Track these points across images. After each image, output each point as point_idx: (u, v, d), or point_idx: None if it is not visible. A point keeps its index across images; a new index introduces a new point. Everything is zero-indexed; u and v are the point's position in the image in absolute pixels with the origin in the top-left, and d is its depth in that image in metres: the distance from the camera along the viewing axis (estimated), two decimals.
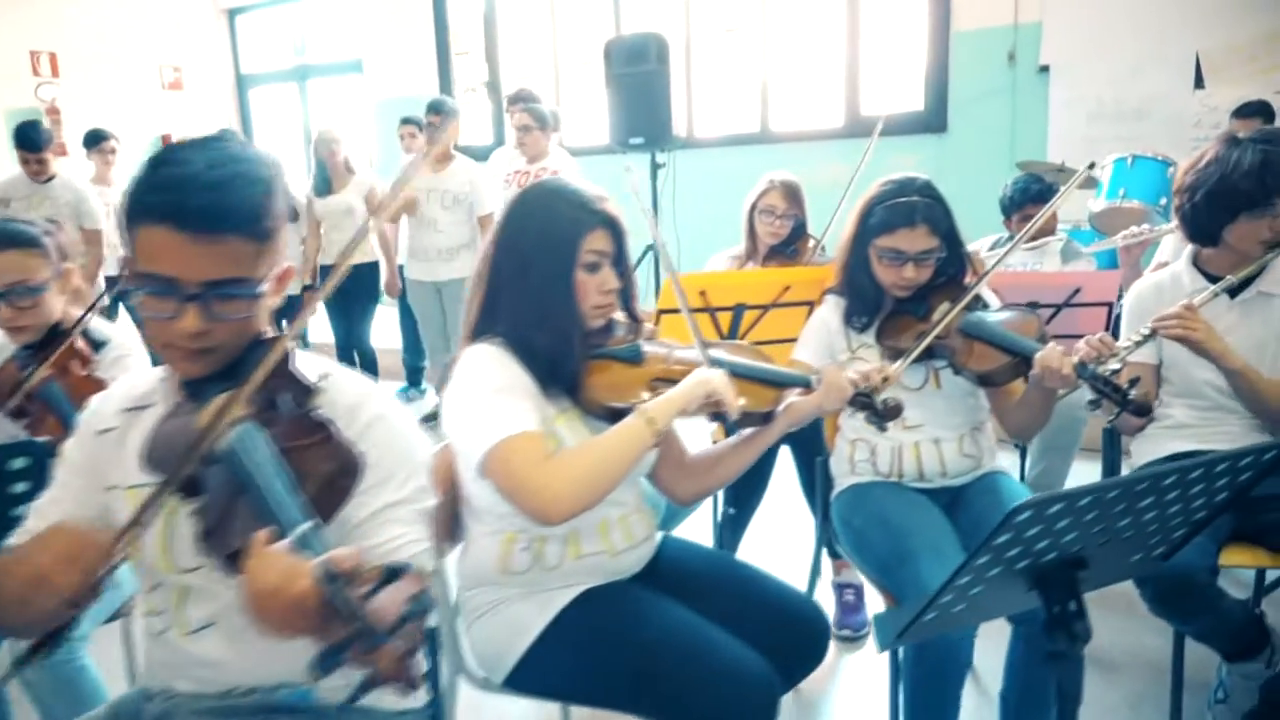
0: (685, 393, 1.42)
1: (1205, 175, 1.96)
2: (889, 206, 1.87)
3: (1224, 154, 1.95)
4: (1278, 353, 1.99)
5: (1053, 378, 1.67)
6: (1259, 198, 1.90)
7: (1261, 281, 2.01)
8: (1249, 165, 1.90)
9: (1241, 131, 2.00)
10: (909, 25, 5.64)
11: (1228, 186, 1.92)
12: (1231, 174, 1.91)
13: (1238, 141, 1.95)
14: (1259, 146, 1.92)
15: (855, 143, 5.86)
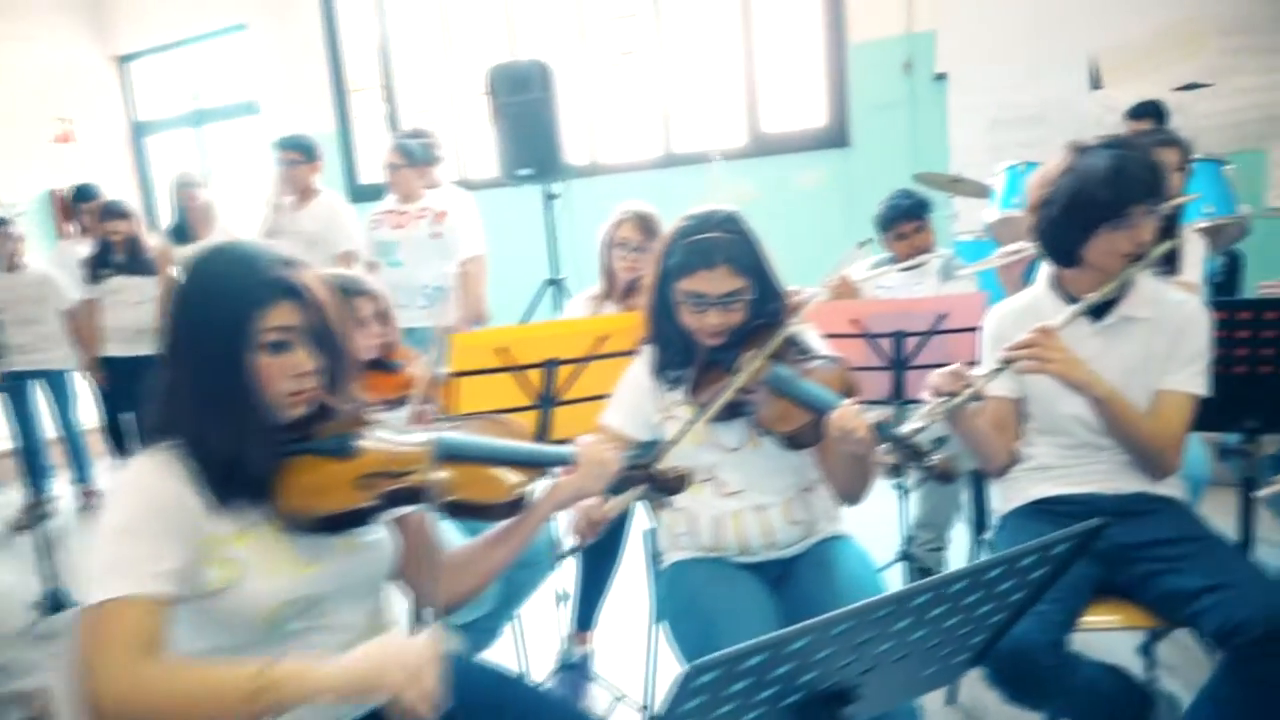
0: (339, 677, 1.06)
1: (1058, 188, 1.75)
2: (687, 246, 1.64)
3: (1075, 163, 1.75)
4: (1145, 383, 1.78)
5: (848, 441, 1.43)
6: (1116, 208, 1.70)
7: (1125, 304, 1.80)
8: (1104, 173, 1.69)
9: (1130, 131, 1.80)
10: (804, 39, 5.49)
11: (1083, 198, 1.71)
12: (1086, 184, 1.71)
13: (1087, 149, 1.75)
14: (1111, 152, 1.71)
15: (760, 161, 5.71)
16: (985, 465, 1.95)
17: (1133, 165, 1.67)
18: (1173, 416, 1.74)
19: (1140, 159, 1.69)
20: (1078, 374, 1.66)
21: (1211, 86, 4.55)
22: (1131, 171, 1.67)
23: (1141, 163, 1.68)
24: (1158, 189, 1.70)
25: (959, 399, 1.66)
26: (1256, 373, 1.97)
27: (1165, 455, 1.73)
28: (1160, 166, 1.72)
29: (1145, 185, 1.68)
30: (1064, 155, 1.77)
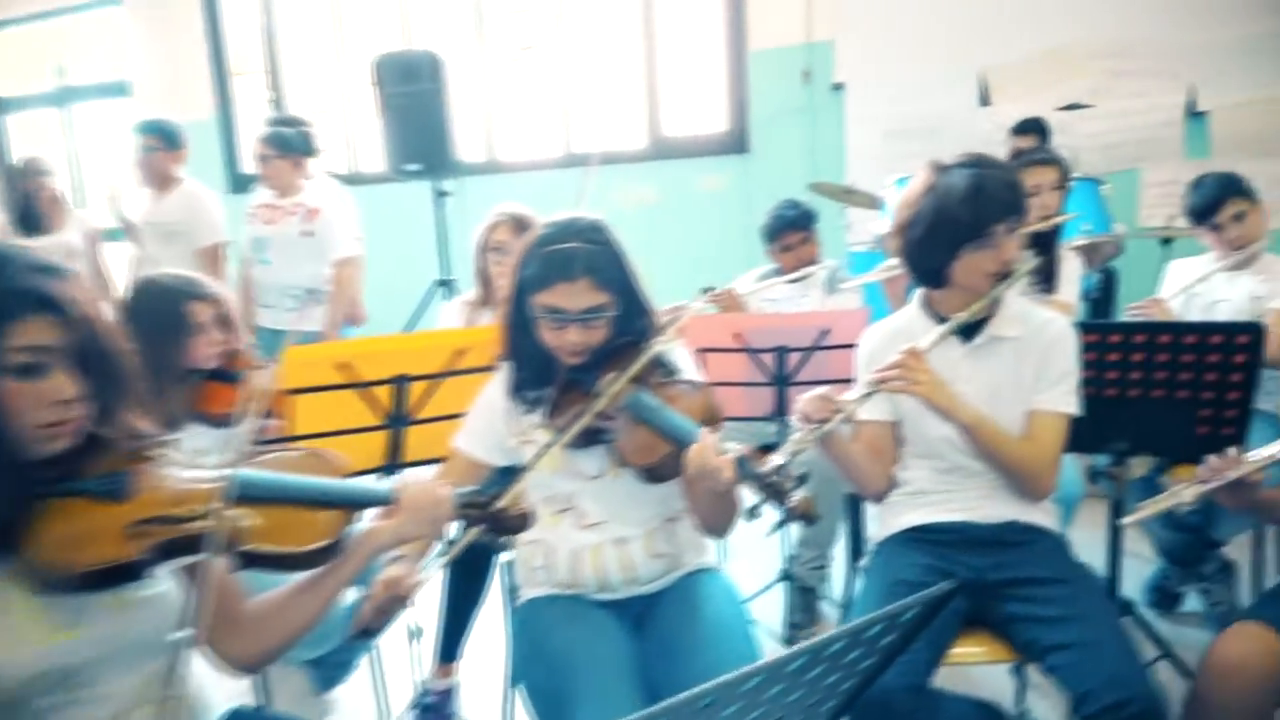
0: None
1: (920, 209, 1.70)
2: (545, 256, 1.51)
3: (936, 182, 1.70)
4: (1016, 403, 1.74)
5: (706, 478, 1.33)
6: (978, 227, 1.65)
7: (994, 324, 1.76)
8: (963, 192, 1.65)
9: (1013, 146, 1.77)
10: (706, 44, 5.43)
11: (945, 218, 1.67)
12: (946, 204, 1.66)
13: (947, 168, 1.70)
14: (970, 171, 1.67)
15: (660, 165, 5.63)
16: (861, 490, 1.89)
17: (992, 184, 1.64)
18: (1045, 437, 1.71)
19: (999, 177, 1.66)
20: (940, 398, 1.63)
21: (1092, 108, 4.69)
22: (991, 190, 1.63)
23: (1001, 181, 1.65)
24: (1018, 207, 1.67)
25: (829, 425, 1.59)
26: (1126, 395, 1.97)
27: (1039, 478, 1.70)
28: (1019, 184, 1.69)
29: (1005, 204, 1.65)
30: (925, 175, 1.72)
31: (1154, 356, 1.93)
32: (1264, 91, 4.40)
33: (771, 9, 5.20)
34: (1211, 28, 4.44)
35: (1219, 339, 1.88)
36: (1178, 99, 4.55)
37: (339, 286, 3.80)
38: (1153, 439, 2.01)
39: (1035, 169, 2.61)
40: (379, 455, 1.85)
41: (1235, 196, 2.51)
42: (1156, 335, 1.92)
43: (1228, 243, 2.51)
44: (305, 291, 3.87)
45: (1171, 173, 4.60)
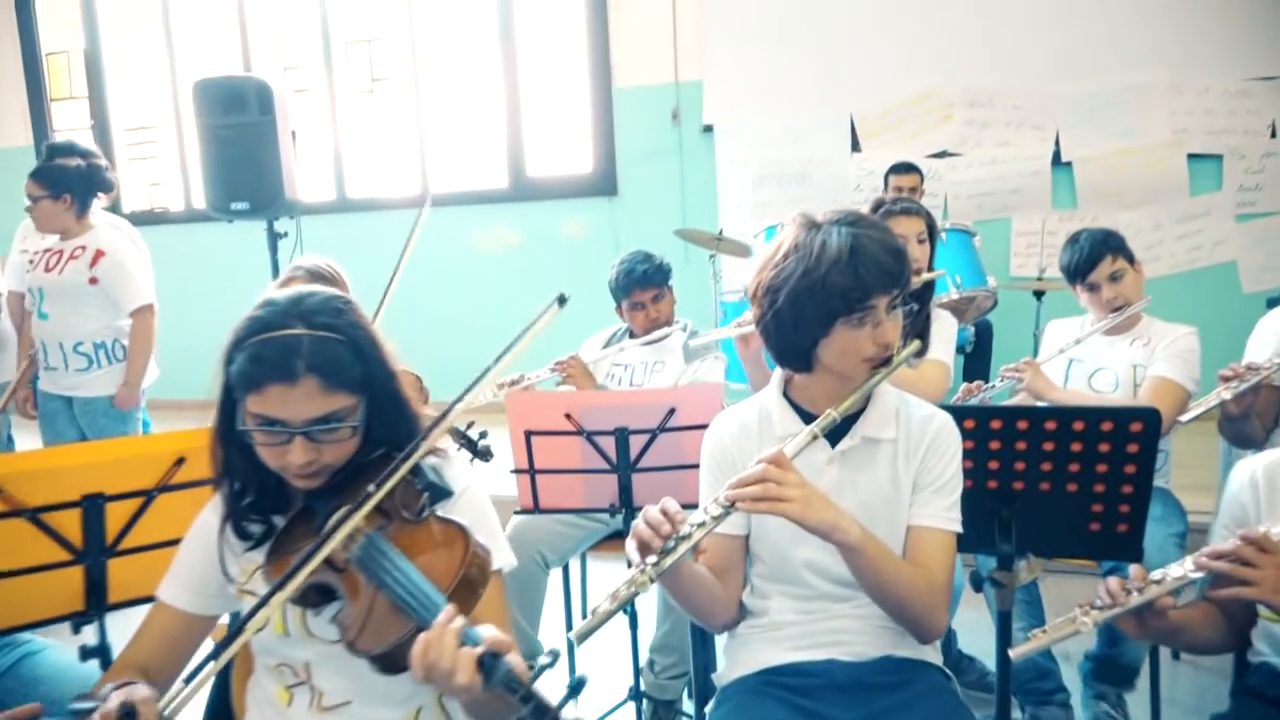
0: None
1: (787, 270, 1.36)
2: (254, 349, 1.10)
3: (804, 241, 1.36)
4: (890, 518, 1.42)
5: (436, 683, 0.93)
6: (856, 297, 1.32)
7: (865, 422, 1.44)
8: (836, 253, 1.32)
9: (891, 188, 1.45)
10: (570, 81, 5.14)
11: (816, 283, 1.32)
12: (817, 267, 1.32)
13: (817, 225, 1.37)
14: (845, 229, 1.34)
15: (523, 206, 5.27)
16: (704, 623, 1.53)
17: (871, 247, 1.32)
18: (933, 561, 1.39)
19: (880, 239, 1.34)
20: (820, 516, 1.27)
21: (961, 156, 4.61)
22: (871, 255, 1.31)
23: (882, 244, 1.33)
24: (901, 276, 1.35)
25: (671, 558, 1.22)
26: (1010, 489, 1.70)
27: (933, 613, 1.37)
28: (903, 250, 1.38)
29: (888, 273, 1.33)
30: (791, 230, 1.40)
31: (1040, 445, 1.66)
32: (1126, 143, 4.41)
33: (638, 46, 4.96)
34: (1075, 79, 4.44)
35: (1110, 426, 1.63)
36: (1044, 149, 4.51)
37: (138, 341, 3.25)
38: (1041, 538, 1.74)
39: (900, 219, 2.35)
40: (76, 598, 1.38)
41: (1110, 254, 2.32)
42: (1041, 422, 1.66)
43: (1104, 304, 2.32)
44: (98, 347, 3.31)
45: (1040, 222, 4.55)
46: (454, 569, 1.02)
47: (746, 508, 1.26)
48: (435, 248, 5.58)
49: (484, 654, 0.88)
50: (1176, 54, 4.32)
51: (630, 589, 1.21)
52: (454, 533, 1.07)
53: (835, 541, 1.29)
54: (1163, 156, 4.39)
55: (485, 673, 0.88)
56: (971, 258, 3.44)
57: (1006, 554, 1.72)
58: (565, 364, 2.49)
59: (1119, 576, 1.30)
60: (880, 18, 4.62)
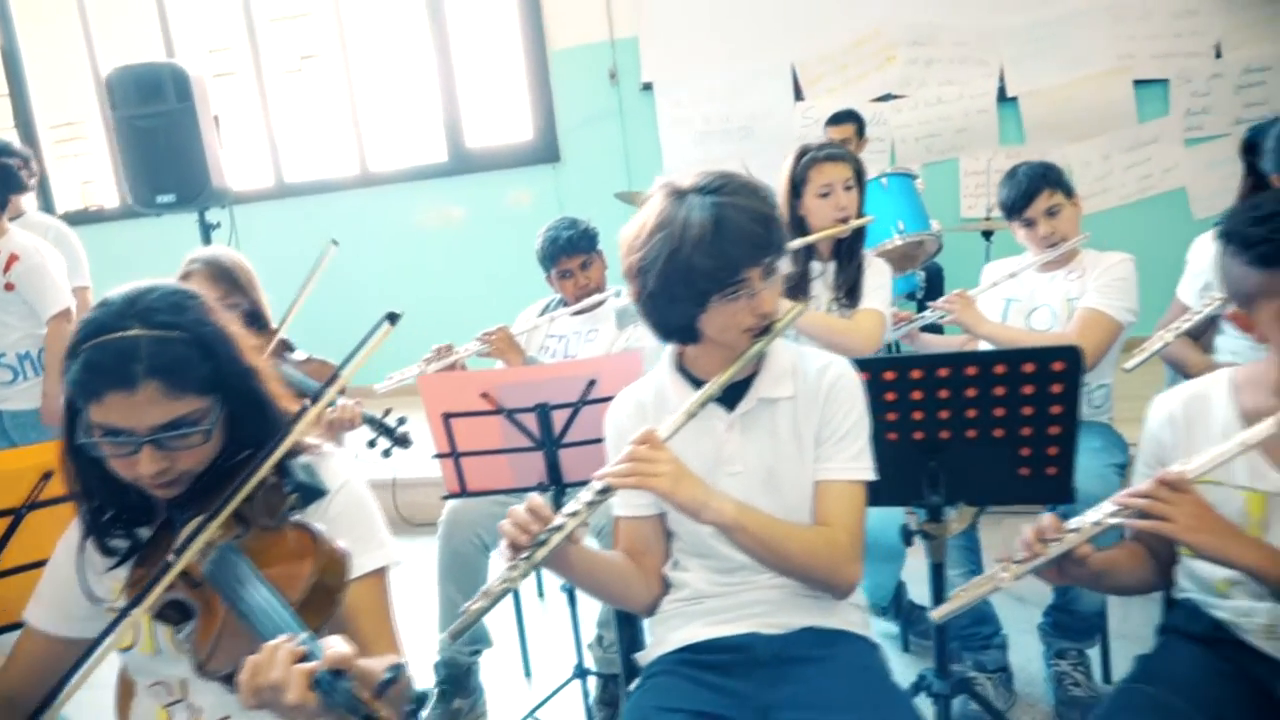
0: None
1: (653, 251, 1.29)
2: (88, 354, 1.02)
3: (670, 216, 1.29)
4: (798, 475, 1.37)
5: (267, 705, 0.86)
6: (723, 274, 1.26)
7: (760, 384, 1.38)
8: (699, 232, 1.25)
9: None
10: (503, 47, 4.98)
11: (682, 264, 1.26)
12: (681, 248, 1.26)
13: (682, 194, 1.30)
14: (709, 200, 1.27)
15: (464, 180, 5.14)
16: (624, 607, 1.48)
17: (737, 218, 1.24)
18: (840, 514, 1.35)
19: (749, 208, 1.26)
20: (690, 494, 1.23)
21: (905, 98, 4.52)
22: (736, 227, 1.24)
23: (750, 213, 1.26)
24: (772, 244, 1.29)
25: (542, 552, 1.17)
26: (936, 438, 1.65)
27: (839, 569, 1.32)
28: (772, 216, 1.30)
29: (755, 243, 1.26)
30: (655, 203, 1.32)
31: (962, 392, 1.61)
32: (1071, 74, 4.33)
33: (570, 5, 4.81)
34: (1016, 10, 4.34)
35: (1031, 367, 1.58)
36: (988, 85, 4.43)
37: (53, 351, 3.13)
38: (970, 487, 1.69)
39: (825, 165, 2.28)
40: None
41: (1048, 189, 2.25)
42: (962, 368, 1.60)
43: (1040, 240, 2.26)
44: (22, 358, 3.18)
45: (988, 161, 4.47)
46: (303, 578, 0.95)
47: (618, 484, 1.21)
48: (379, 228, 5.48)
49: (320, 672, 0.81)
50: None
51: (503, 585, 1.17)
52: (305, 538, 1.00)
53: (706, 521, 1.25)
54: (1108, 85, 4.31)
55: (323, 692, 0.81)
56: (914, 202, 3.36)
57: (936, 505, 1.68)
58: (492, 336, 2.41)
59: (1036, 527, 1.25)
60: None
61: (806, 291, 2.35)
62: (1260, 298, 1.18)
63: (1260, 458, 1.23)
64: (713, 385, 1.32)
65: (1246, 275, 1.19)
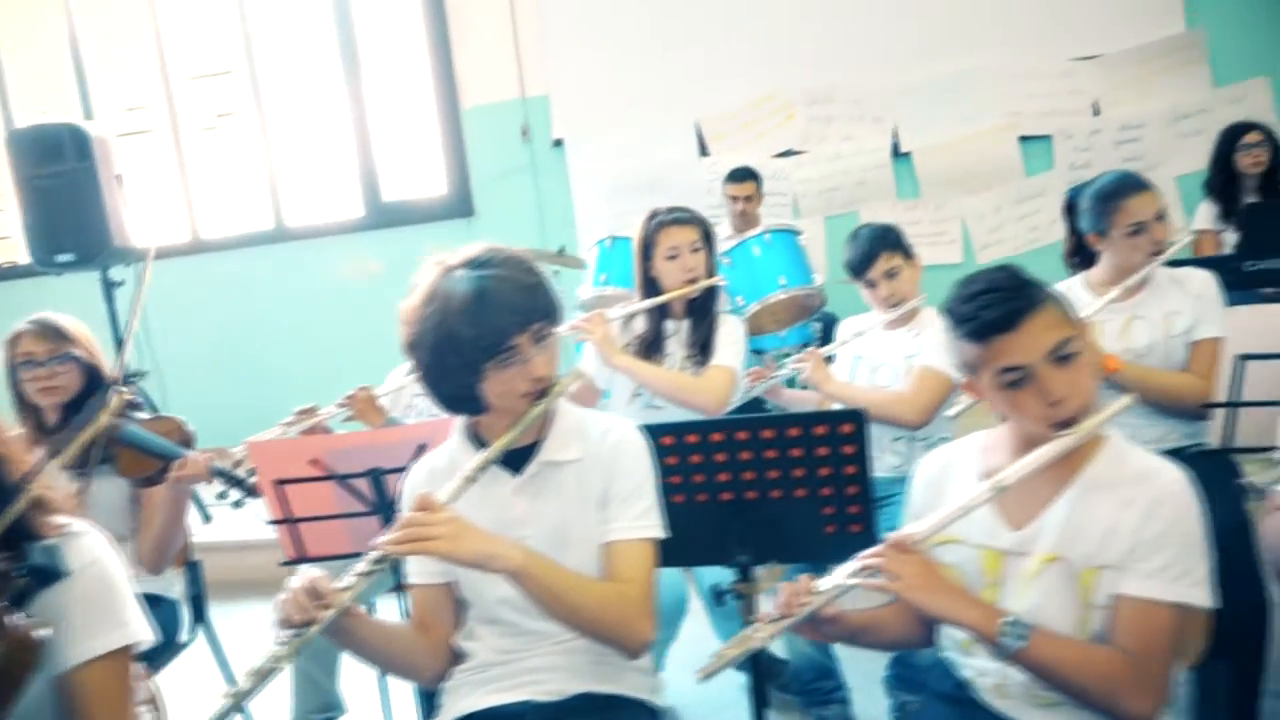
0: None
1: (423, 325, 1.35)
2: None
3: (436, 290, 1.34)
4: (586, 538, 1.40)
5: None
6: (489, 343, 1.31)
7: (546, 448, 1.42)
8: (461, 302, 1.30)
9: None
10: (417, 103, 5.07)
11: (448, 336, 1.31)
12: (445, 320, 1.31)
13: (450, 270, 1.37)
14: (473, 273, 1.33)
15: (382, 234, 5.18)
16: (409, 679, 1.50)
17: (498, 288, 1.30)
18: (630, 572, 1.38)
19: (508, 277, 1.32)
20: (473, 548, 1.26)
21: (805, 153, 4.66)
22: (497, 296, 1.30)
23: (510, 282, 1.32)
24: (541, 311, 1.34)
25: (312, 630, 1.19)
26: (743, 499, 1.70)
27: (629, 626, 1.35)
28: (539, 285, 1.36)
29: (519, 311, 1.32)
30: (428, 278, 1.38)
31: (763, 454, 1.66)
32: (961, 130, 4.50)
33: (482, 64, 4.92)
34: (908, 69, 4.52)
35: (824, 430, 1.64)
36: (884, 141, 4.59)
37: None
38: (780, 545, 1.74)
39: (672, 229, 2.36)
40: None
41: (887, 251, 2.35)
42: (760, 430, 1.66)
43: (881, 300, 2.35)
44: None
45: (887, 213, 4.61)
46: None
47: (394, 551, 1.24)
48: (298, 283, 5.50)
49: None
50: (1002, 38, 4.43)
51: (270, 664, 1.18)
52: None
53: (495, 570, 1.27)
54: (997, 141, 4.49)
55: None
56: (797, 256, 3.45)
57: (744, 564, 1.72)
58: (354, 399, 2.43)
59: (791, 587, 1.29)
60: (717, 22, 4.65)
61: (660, 349, 2.41)
62: (979, 368, 1.25)
63: (995, 517, 1.29)
64: (491, 450, 1.35)
65: (964, 349, 1.26)
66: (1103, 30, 4.32)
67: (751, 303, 3.44)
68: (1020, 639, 1.15)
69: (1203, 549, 1.19)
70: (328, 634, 1.24)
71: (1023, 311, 1.20)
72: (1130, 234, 2.14)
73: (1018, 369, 1.21)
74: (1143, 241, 2.14)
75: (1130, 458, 1.25)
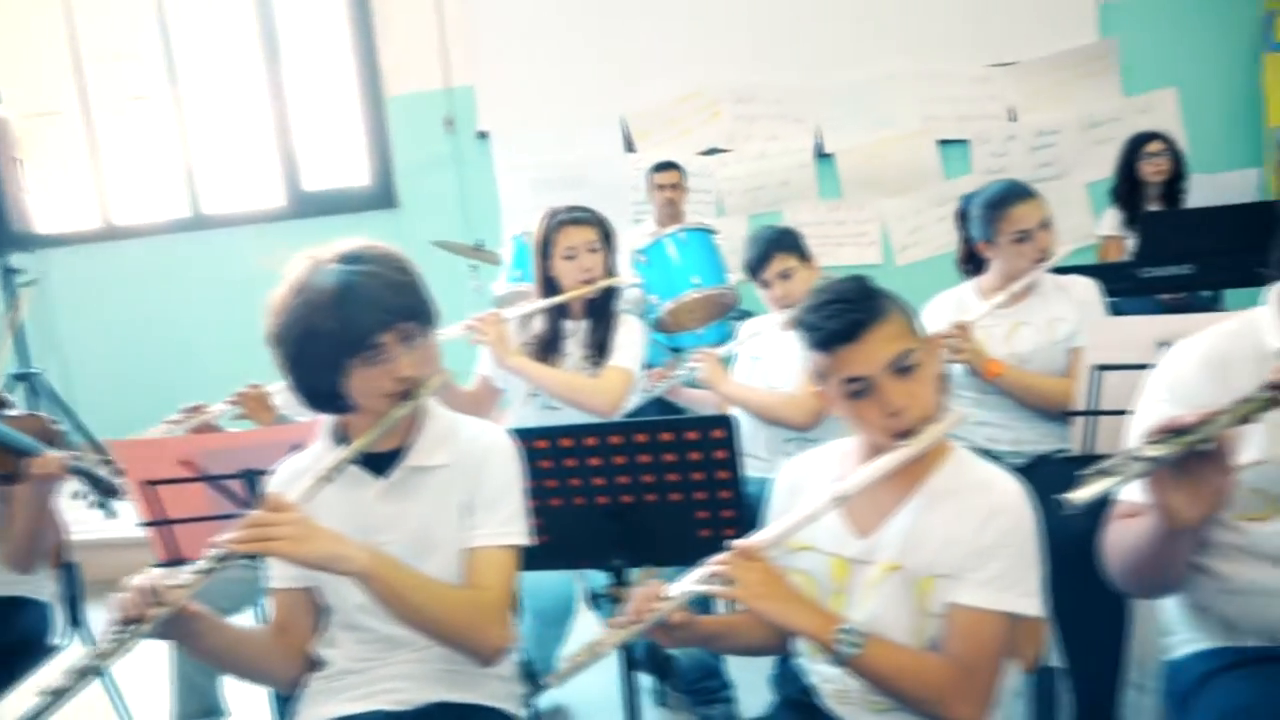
0: None
1: (286, 318, 1.32)
2: None
3: (302, 283, 1.32)
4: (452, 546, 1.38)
5: None
6: (352, 339, 1.28)
7: (414, 452, 1.40)
8: (325, 297, 1.28)
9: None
10: (340, 91, 4.96)
11: (311, 330, 1.29)
12: (310, 314, 1.29)
13: (319, 264, 1.34)
14: (341, 268, 1.31)
15: (303, 224, 5.06)
16: (263, 684, 1.47)
17: (365, 284, 1.28)
18: (488, 578, 1.35)
19: (377, 274, 1.30)
20: (318, 549, 1.22)
21: (730, 152, 4.67)
22: (366, 294, 1.28)
23: (378, 278, 1.30)
24: (404, 309, 1.32)
25: (143, 627, 1.16)
26: (619, 502, 1.70)
27: (482, 629, 1.32)
28: (411, 283, 1.34)
29: (388, 309, 1.30)
30: (297, 271, 1.34)
31: (636, 458, 1.66)
32: (882, 133, 4.55)
33: (406, 52, 4.83)
34: (832, 71, 4.56)
35: (695, 435, 1.64)
36: (807, 142, 4.62)
37: None
38: (656, 549, 1.74)
39: (570, 230, 2.33)
40: None
41: (782, 253, 2.37)
42: (633, 435, 1.66)
43: (775, 300, 2.37)
44: None
45: (810, 213, 4.66)
46: None
47: (236, 549, 1.21)
48: (216, 272, 5.35)
49: None
50: (921, 43, 4.49)
51: (91, 662, 1.14)
52: None
53: (341, 572, 1.25)
54: (916, 144, 4.56)
55: None
56: (711, 255, 3.47)
57: (619, 568, 1.72)
58: (244, 395, 2.37)
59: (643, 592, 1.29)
60: (645, 17, 4.64)
61: (559, 350, 2.39)
62: (826, 376, 1.26)
63: (844, 524, 1.30)
64: (349, 450, 1.33)
65: (812, 357, 1.27)
66: (1019, 37, 4.41)
67: (666, 301, 3.45)
68: (854, 646, 1.16)
69: (1035, 559, 1.22)
70: (161, 634, 1.21)
71: (865, 323, 1.21)
72: (1016, 241, 2.19)
73: (859, 379, 1.22)
74: (1028, 249, 2.19)
75: (971, 468, 1.27)
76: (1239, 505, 1.23)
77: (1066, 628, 1.96)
